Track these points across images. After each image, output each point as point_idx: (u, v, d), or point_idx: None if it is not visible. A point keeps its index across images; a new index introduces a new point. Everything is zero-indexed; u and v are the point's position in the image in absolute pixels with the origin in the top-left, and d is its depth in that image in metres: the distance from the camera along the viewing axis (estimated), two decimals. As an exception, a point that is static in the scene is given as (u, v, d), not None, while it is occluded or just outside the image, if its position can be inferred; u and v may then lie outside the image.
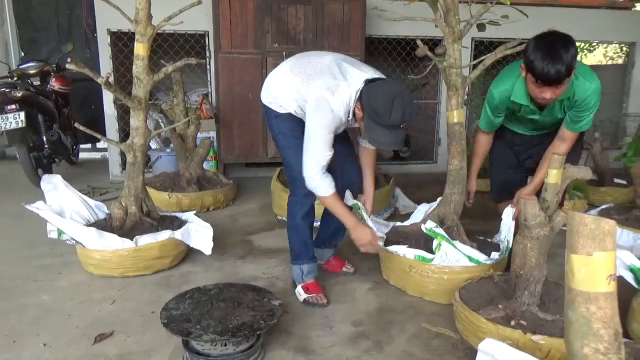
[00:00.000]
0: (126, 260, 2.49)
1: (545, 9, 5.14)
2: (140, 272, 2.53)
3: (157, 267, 2.58)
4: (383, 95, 1.99)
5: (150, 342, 1.95)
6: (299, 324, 2.11)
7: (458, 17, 2.43)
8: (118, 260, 2.48)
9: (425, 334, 2.06)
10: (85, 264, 2.57)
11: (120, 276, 2.50)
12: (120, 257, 2.48)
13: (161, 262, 2.59)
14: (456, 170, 2.52)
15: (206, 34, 4.55)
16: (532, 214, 1.82)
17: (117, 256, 2.47)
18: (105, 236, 2.47)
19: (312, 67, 2.18)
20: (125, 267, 2.50)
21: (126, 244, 2.47)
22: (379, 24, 4.75)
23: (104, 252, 2.47)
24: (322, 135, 2.07)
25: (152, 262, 2.55)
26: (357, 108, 2.09)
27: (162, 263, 2.59)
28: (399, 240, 2.52)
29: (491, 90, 2.33)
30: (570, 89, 2.11)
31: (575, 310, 0.97)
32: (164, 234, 2.58)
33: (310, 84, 2.12)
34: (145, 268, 2.54)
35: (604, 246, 0.93)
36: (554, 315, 1.83)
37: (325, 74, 2.12)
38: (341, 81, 2.08)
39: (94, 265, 2.52)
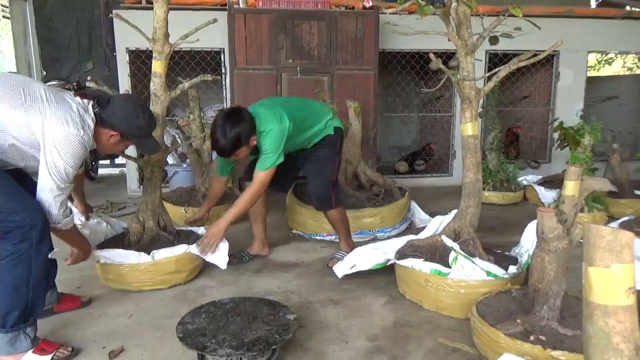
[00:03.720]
0: (143, 274, 2.51)
1: (560, 21, 5.12)
2: (156, 287, 2.54)
3: (173, 281, 2.59)
4: (141, 112, 2.08)
5: (166, 357, 1.96)
6: (314, 338, 2.10)
7: (470, 30, 2.44)
8: (135, 274, 2.50)
9: (442, 349, 2.03)
10: (103, 279, 2.60)
11: (136, 290, 2.52)
12: (138, 272, 2.50)
13: (177, 276, 2.60)
14: (471, 182, 2.50)
15: (222, 50, 4.63)
16: (550, 227, 1.79)
17: (135, 270, 2.49)
18: (127, 253, 2.50)
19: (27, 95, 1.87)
20: (142, 282, 2.52)
21: (143, 258, 2.50)
22: (392, 38, 4.78)
23: (121, 266, 2.49)
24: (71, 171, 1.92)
25: (168, 276, 2.56)
26: (110, 135, 2.04)
27: (178, 277, 2.61)
28: (415, 254, 2.50)
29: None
30: (261, 138, 2.55)
31: (593, 324, 0.96)
32: (180, 248, 2.59)
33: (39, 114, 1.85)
34: (162, 282, 2.56)
35: (622, 258, 0.91)
36: (575, 330, 1.80)
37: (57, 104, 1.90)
38: (76, 112, 1.93)
39: (111, 280, 2.55)
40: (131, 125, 2.05)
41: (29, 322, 1.88)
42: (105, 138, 2.05)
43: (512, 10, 2.30)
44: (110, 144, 2.08)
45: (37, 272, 1.87)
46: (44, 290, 2.01)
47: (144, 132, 2.11)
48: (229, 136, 2.42)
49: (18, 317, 1.84)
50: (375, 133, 4.70)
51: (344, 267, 2.62)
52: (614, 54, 8.08)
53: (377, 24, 4.49)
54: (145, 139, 2.15)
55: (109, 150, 2.16)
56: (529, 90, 5.92)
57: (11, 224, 1.80)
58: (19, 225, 1.80)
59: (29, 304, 1.86)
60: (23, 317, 1.85)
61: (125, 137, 2.08)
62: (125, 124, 2.04)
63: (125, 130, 2.05)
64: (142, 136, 2.12)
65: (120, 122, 2.02)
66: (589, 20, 5.30)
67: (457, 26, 2.45)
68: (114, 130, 2.03)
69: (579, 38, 5.17)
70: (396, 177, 4.93)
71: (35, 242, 1.84)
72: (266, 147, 2.54)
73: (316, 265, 2.96)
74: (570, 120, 4.84)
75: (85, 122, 1.94)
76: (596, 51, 6.01)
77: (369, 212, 3.39)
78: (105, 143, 2.07)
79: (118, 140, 2.07)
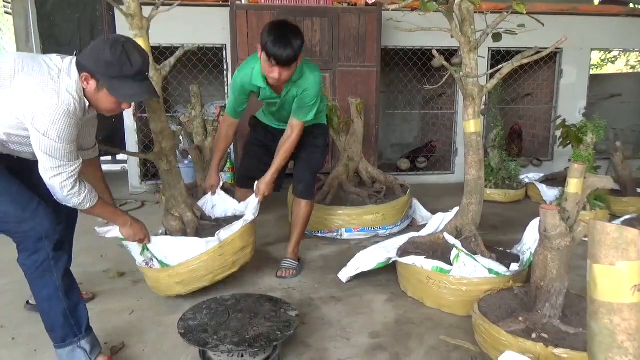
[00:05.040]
0: (214, 262, 2.30)
1: (563, 18, 5.10)
2: (228, 271, 2.37)
3: (242, 260, 2.42)
4: (109, 45, 1.67)
5: (167, 353, 1.96)
6: (315, 335, 2.10)
7: (474, 27, 2.42)
8: (206, 265, 2.28)
9: (444, 346, 2.03)
10: (166, 288, 2.32)
11: (210, 283, 2.34)
12: (207, 262, 2.28)
13: (244, 253, 2.43)
14: (474, 180, 2.49)
15: (224, 47, 4.62)
16: (552, 225, 1.79)
17: (204, 261, 2.27)
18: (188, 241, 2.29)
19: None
20: (214, 271, 2.32)
21: (210, 243, 2.28)
22: (395, 35, 4.76)
23: (188, 262, 2.25)
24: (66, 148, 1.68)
25: (237, 256, 2.38)
26: (85, 79, 1.69)
27: (245, 254, 2.44)
28: (416, 251, 2.49)
29: (234, 76, 2.60)
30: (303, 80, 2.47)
31: (598, 322, 0.95)
32: (237, 223, 2.39)
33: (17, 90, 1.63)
34: (233, 264, 2.38)
35: (627, 256, 0.90)
36: (577, 328, 1.79)
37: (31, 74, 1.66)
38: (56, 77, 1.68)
39: (181, 283, 2.28)
40: (97, 61, 1.67)
41: (80, 334, 1.77)
42: (86, 87, 1.71)
43: (515, 7, 2.28)
44: (96, 95, 1.73)
45: (63, 282, 1.74)
46: (80, 298, 1.82)
47: (113, 70, 1.67)
48: (295, 45, 2.27)
49: (64, 332, 1.75)
50: (377, 130, 4.69)
51: (349, 271, 2.62)
52: (617, 51, 8.05)
53: (379, 20, 4.47)
54: (117, 80, 1.69)
55: (104, 108, 1.79)
56: (532, 88, 5.90)
57: (21, 235, 1.71)
58: (29, 235, 1.70)
59: (68, 316, 1.75)
60: (71, 331, 1.76)
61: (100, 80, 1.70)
62: (92, 60, 1.68)
63: (93, 69, 1.67)
64: (113, 76, 1.68)
65: (87, 59, 1.68)
66: (593, 18, 5.27)
67: (460, 23, 2.44)
68: (87, 72, 1.68)
69: (582, 35, 5.15)
70: (398, 175, 4.92)
71: (51, 250, 1.72)
72: (310, 96, 2.49)
73: (318, 262, 2.96)
74: (572, 118, 4.83)
75: (61, 83, 1.65)
76: (599, 49, 5.99)
77: (370, 210, 3.38)
78: (91, 95, 1.73)
79: (95, 85, 1.70)
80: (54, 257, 1.73)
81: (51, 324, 1.76)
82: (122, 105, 1.79)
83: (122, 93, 1.73)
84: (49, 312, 1.75)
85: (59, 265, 1.74)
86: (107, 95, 1.72)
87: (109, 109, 1.80)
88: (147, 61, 1.78)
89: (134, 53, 1.71)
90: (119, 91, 1.72)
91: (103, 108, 1.79)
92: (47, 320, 1.76)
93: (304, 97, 2.50)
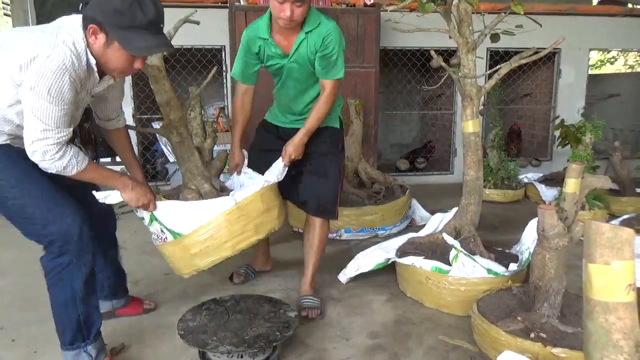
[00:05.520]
0: (232, 226, 1.99)
1: (561, 18, 5.11)
2: (253, 237, 2.05)
3: (267, 226, 2.11)
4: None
5: (167, 354, 1.97)
6: (315, 335, 2.11)
7: (472, 27, 2.43)
8: (224, 230, 1.97)
9: (443, 346, 2.04)
10: (184, 265, 2.04)
11: (233, 253, 2.02)
12: (224, 226, 1.97)
13: (270, 216, 2.12)
14: (472, 180, 2.50)
15: (223, 48, 4.62)
16: (550, 224, 1.79)
17: (220, 225, 1.97)
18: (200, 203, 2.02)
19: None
20: (236, 236, 2.01)
21: (225, 204, 1.99)
22: (393, 35, 4.77)
23: (203, 229, 1.96)
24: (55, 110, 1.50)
25: (261, 219, 2.07)
26: (92, 33, 1.53)
27: (271, 219, 2.12)
28: (415, 252, 2.50)
29: (243, 34, 2.29)
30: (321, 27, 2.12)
31: (594, 321, 0.96)
32: (257, 183, 2.13)
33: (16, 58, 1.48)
34: (256, 230, 2.06)
35: (622, 255, 0.91)
36: (575, 327, 1.80)
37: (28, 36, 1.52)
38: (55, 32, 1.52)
39: (199, 254, 1.99)
40: (105, 10, 1.50)
41: (89, 339, 1.76)
42: (94, 42, 1.55)
43: (513, 7, 2.30)
44: (105, 52, 1.56)
45: (82, 288, 1.71)
46: (96, 305, 1.81)
47: (124, 19, 1.50)
48: None
49: (73, 336, 1.73)
50: (376, 131, 4.70)
51: (348, 272, 2.63)
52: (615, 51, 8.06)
53: (378, 21, 4.48)
54: (128, 30, 1.52)
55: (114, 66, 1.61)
56: (531, 88, 5.91)
57: (47, 237, 1.65)
58: (55, 238, 1.64)
59: (81, 322, 1.73)
60: (80, 335, 1.74)
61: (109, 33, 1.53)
62: (99, 10, 1.51)
63: (100, 19, 1.51)
64: (123, 26, 1.51)
65: (94, 9, 1.52)
66: (591, 18, 5.28)
67: (458, 23, 2.45)
68: (94, 24, 1.52)
69: (581, 35, 5.16)
70: (397, 175, 4.93)
71: (75, 255, 1.67)
72: (332, 44, 2.11)
73: (317, 263, 2.96)
74: (571, 118, 4.84)
75: (58, 36, 1.50)
76: (598, 49, 6.00)
77: (369, 210, 3.39)
78: (100, 52, 1.57)
79: (104, 39, 1.54)
80: (77, 263, 1.68)
81: (62, 327, 1.74)
82: (135, 64, 1.62)
83: (135, 45, 1.54)
84: (62, 316, 1.73)
85: (81, 272, 1.70)
86: (118, 50, 1.55)
87: (120, 68, 1.62)
88: (161, 11, 1.59)
89: (146, 1, 1.53)
90: (131, 43, 1.54)
91: (113, 67, 1.61)
92: (58, 323, 1.75)
93: (327, 47, 2.11)
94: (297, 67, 2.20)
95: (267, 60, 2.25)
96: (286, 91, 2.33)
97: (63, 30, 1.52)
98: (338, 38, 2.13)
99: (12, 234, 1.85)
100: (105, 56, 1.57)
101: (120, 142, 2.04)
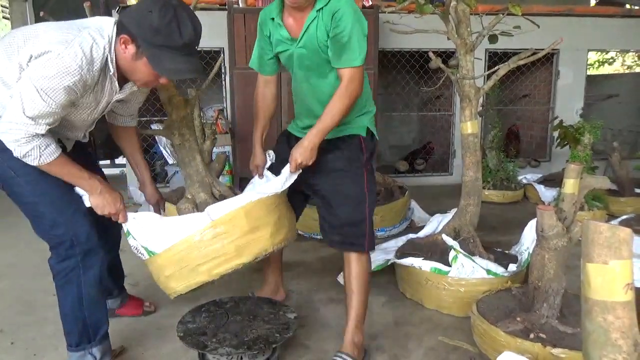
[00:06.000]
0: (209, 247, 1.68)
1: (559, 19, 5.12)
2: (235, 261, 1.71)
3: (256, 247, 1.73)
4: (158, 7, 1.43)
5: (166, 356, 1.97)
6: (315, 337, 2.10)
7: (470, 29, 2.44)
8: (198, 251, 1.68)
9: (443, 347, 2.04)
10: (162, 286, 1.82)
11: (210, 278, 1.73)
12: (200, 245, 1.68)
13: (258, 236, 1.73)
14: (471, 181, 2.50)
15: (221, 50, 4.63)
16: (549, 225, 1.79)
17: (194, 245, 1.68)
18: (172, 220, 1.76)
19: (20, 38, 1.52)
20: (212, 259, 1.69)
21: (197, 221, 1.70)
22: (392, 37, 4.78)
23: (176, 247, 1.70)
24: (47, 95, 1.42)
25: (245, 240, 1.70)
26: (123, 42, 1.49)
27: (261, 238, 1.73)
28: (415, 253, 2.50)
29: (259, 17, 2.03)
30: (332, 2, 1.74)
31: (592, 321, 0.96)
32: (241, 196, 1.79)
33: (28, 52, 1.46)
34: (239, 252, 1.70)
35: (620, 254, 0.91)
36: (575, 328, 1.80)
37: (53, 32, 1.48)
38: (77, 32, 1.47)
39: (174, 277, 1.75)
40: (141, 24, 1.45)
41: (94, 341, 1.76)
42: (122, 51, 1.50)
43: (511, 9, 2.30)
44: (133, 63, 1.52)
45: (88, 292, 1.70)
46: (103, 308, 1.81)
47: (159, 37, 1.44)
48: None
49: (79, 338, 1.74)
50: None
51: None
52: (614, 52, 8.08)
53: (376, 23, 4.48)
54: (160, 49, 1.46)
55: (139, 78, 1.57)
56: (529, 89, 5.92)
57: (54, 238, 1.66)
58: (61, 240, 1.65)
59: (87, 325, 1.73)
60: (86, 337, 1.74)
61: (140, 47, 1.48)
62: (135, 22, 1.46)
63: (135, 32, 1.46)
64: (157, 44, 1.46)
65: (130, 20, 1.47)
66: (589, 19, 5.29)
67: (456, 25, 2.46)
68: (127, 34, 1.48)
69: (579, 36, 5.17)
70: (396, 176, 4.93)
71: (81, 259, 1.67)
72: (345, 22, 1.72)
73: (316, 265, 2.96)
74: (570, 119, 4.84)
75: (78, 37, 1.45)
76: (596, 50, 6.01)
77: (369, 211, 3.38)
78: (127, 62, 1.53)
79: (134, 51, 1.49)
80: (83, 266, 1.68)
81: (69, 328, 1.76)
82: (160, 80, 1.59)
83: (165, 67, 1.49)
84: (68, 318, 1.74)
85: (87, 276, 1.70)
86: (146, 65, 1.51)
87: (144, 81, 1.59)
88: (199, 33, 1.52)
89: (185, 21, 1.46)
90: (161, 64, 1.48)
91: (138, 78, 1.58)
92: (65, 324, 1.76)
93: (338, 25, 1.73)
94: (307, 53, 1.84)
95: (276, 46, 1.94)
96: (299, 86, 1.99)
97: (86, 32, 1.47)
98: (352, 14, 1.74)
99: (11, 236, 1.86)
100: (133, 67, 1.54)
101: (129, 141, 1.99)
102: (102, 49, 1.49)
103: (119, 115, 1.92)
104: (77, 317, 1.72)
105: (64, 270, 1.68)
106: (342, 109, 1.78)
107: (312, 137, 1.79)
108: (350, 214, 1.90)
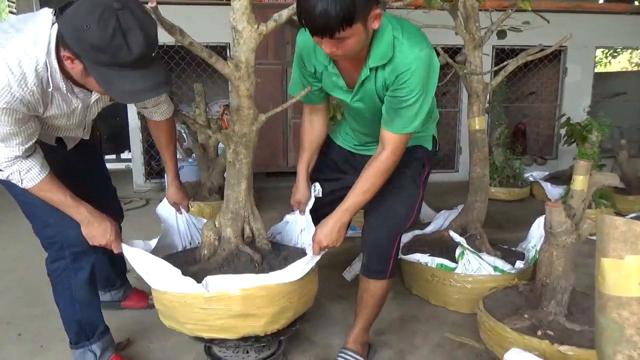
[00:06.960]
0: (195, 312, 1.61)
1: (567, 15, 5.08)
2: (220, 334, 1.65)
3: (244, 330, 1.63)
4: (96, 20, 1.16)
5: (172, 349, 1.97)
6: (320, 332, 2.10)
7: (478, 24, 2.42)
8: (185, 310, 1.62)
9: (449, 343, 2.03)
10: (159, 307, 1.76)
11: (190, 334, 1.68)
12: (187, 307, 1.61)
13: (250, 323, 1.63)
14: (478, 177, 2.49)
15: (227, 45, 4.62)
16: (558, 221, 1.78)
17: (183, 305, 1.62)
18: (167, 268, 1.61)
19: None
20: (198, 323, 1.63)
21: (192, 287, 1.58)
22: (399, 33, 4.76)
23: (167, 295, 1.64)
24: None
25: (235, 322, 1.61)
26: (67, 58, 1.27)
27: (254, 324, 1.63)
28: (421, 249, 2.49)
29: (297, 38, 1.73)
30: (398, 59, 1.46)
31: (606, 316, 0.95)
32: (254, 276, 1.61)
33: None
34: (226, 330, 1.63)
35: (636, 249, 0.90)
36: (582, 325, 1.78)
37: None
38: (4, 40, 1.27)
39: (162, 313, 1.75)
40: (80, 39, 1.20)
41: (93, 338, 1.77)
42: (70, 66, 1.29)
43: (520, 4, 2.29)
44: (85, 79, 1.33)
45: (80, 293, 1.70)
46: (97, 308, 1.80)
47: (103, 56, 1.20)
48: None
49: (77, 336, 1.75)
50: (381, 129, 4.68)
51: (354, 270, 2.61)
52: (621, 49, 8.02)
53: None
54: (110, 68, 1.22)
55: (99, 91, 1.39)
56: (536, 86, 5.89)
57: (46, 239, 1.66)
58: (51, 241, 1.65)
59: (82, 324, 1.74)
60: (84, 336, 1.76)
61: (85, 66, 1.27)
62: (73, 38, 1.21)
63: (77, 50, 1.22)
64: (103, 64, 1.21)
65: (68, 32, 1.22)
66: (597, 15, 5.26)
67: (464, 20, 2.44)
68: (68, 51, 1.25)
69: (587, 33, 5.13)
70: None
71: (70, 261, 1.66)
72: (410, 87, 1.45)
73: (322, 260, 2.93)
74: (577, 117, 4.81)
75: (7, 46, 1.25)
76: (604, 47, 5.97)
77: (374, 208, 3.38)
78: (79, 77, 1.33)
79: (82, 69, 1.28)
80: (72, 268, 1.68)
81: (67, 326, 1.78)
82: None
83: (117, 88, 1.27)
84: (64, 317, 1.76)
85: (77, 277, 1.69)
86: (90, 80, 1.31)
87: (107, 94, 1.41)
88: (152, 39, 1.25)
89: (133, 30, 1.19)
90: (113, 86, 1.26)
91: (98, 91, 1.40)
92: (63, 322, 1.78)
93: (402, 88, 1.47)
94: (364, 107, 1.63)
95: (329, 90, 1.70)
96: (356, 125, 1.82)
97: (15, 42, 1.25)
98: (423, 78, 1.46)
99: (18, 230, 1.86)
100: (87, 82, 1.35)
101: (158, 136, 1.87)
102: (34, 59, 1.27)
103: (143, 107, 1.77)
104: (72, 317, 1.74)
105: (55, 271, 1.69)
106: (378, 184, 1.60)
107: (341, 214, 1.63)
108: (382, 239, 1.75)
